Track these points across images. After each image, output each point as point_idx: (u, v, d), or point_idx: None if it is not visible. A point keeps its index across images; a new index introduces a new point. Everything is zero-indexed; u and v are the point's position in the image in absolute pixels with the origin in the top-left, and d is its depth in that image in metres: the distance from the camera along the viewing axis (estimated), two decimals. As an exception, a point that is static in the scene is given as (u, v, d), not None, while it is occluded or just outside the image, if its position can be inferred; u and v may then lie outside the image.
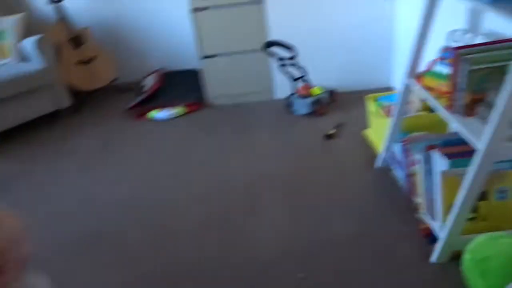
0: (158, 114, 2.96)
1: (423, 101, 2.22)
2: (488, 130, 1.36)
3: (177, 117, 2.97)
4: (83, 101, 3.28)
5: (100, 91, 3.34)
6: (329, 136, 2.53)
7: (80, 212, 2.14)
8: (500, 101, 1.31)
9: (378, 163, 2.22)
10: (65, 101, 3.04)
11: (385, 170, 2.18)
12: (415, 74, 1.87)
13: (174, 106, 3.01)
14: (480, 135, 1.40)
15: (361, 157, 2.33)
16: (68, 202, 2.22)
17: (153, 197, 2.20)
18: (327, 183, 2.15)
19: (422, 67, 1.87)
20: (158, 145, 2.66)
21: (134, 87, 3.38)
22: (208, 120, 2.91)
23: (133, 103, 3.09)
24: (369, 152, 2.35)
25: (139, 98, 3.12)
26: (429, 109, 2.23)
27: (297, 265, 1.70)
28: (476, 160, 1.41)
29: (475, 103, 1.54)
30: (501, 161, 1.53)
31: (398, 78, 2.87)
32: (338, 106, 2.89)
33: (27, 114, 2.87)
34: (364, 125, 2.60)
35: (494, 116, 1.34)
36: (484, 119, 1.45)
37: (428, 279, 1.59)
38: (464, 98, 1.55)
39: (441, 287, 1.56)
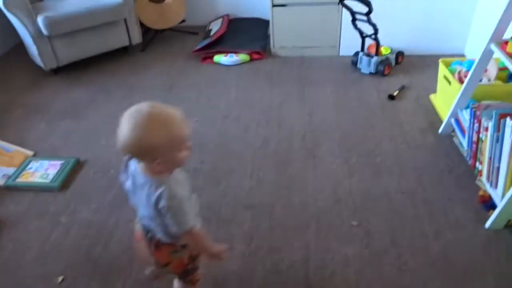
0: (224, 59, 3.03)
1: (500, 70, 2.15)
2: None
3: (241, 63, 3.03)
4: (152, 39, 3.40)
5: (168, 31, 3.46)
6: (392, 97, 2.51)
7: (148, 141, 2.30)
8: None
9: (442, 128, 2.20)
10: (137, 37, 3.17)
11: (448, 136, 2.17)
12: (499, 40, 1.80)
13: (238, 53, 3.06)
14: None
15: (424, 121, 2.32)
16: (138, 131, 2.38)
17: (215, 136, 2.31)
18: (386, 142, 2.17)
19: (508, 34, 1.80)
20: (222, 88, 2.75)
21: (200, 31, 3.46)
22: (272, 70, 2.95)
23: (199, 47, 3.17)
24: (433, 117, 2.34)
25: (205, 42, 3.19)
26: (504, 80, 2.17)
27: (349, 212, 1.78)
28: (553, 130, 1.39)
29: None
30: None
31: (473, 47, 2.77)
32: (404, 68, 2.83)
33: (101, 46, 3.03)
34: (429, 90, 2.57)
35: None
36: None
37: (479, 243, 1.62)
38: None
39: (491, 251, 1.59)
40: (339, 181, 1.95)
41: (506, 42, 1.75)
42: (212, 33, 3.32)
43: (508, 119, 1.61)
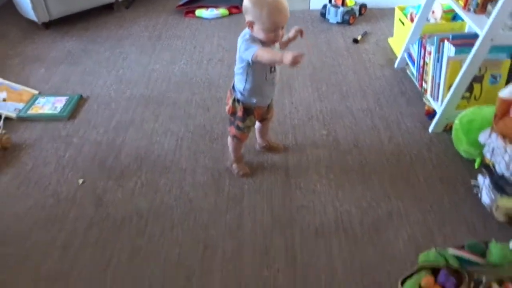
0: (205, 12, 3.31)
1: (444, 13, 2.53)
2: (489, 20, 1.71)
3: (221, 17, 3.32)
4: (136, -3, 3.63)
5: (150, -10, 3.69)
6: (356, 41, 2.88)
7: (142, 81, 2.58)
8: (502, -7, 1.65)
9: (397, 63, 2.59)
10: (122, -6, 3.40)
11: (402, 70, 2.56)
12: (439, -21, 2.17)
13: (218, 8, 3.34)
14: (484, 26, 1.75)
15: (383, 59, 2.70)
16: (132, 73, 2.66)
17: (202, 75, 2.62)
18: (350, 75, 2.54)
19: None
20: (205, 38, 3.04)
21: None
22: (248, 22, 3.25)
23: (181, 2, 3.43)
24: (390, 55, 2.72)
25: (187, -1, 3.45)
26: (449, 20, 2.55)
27: (320, 125, 2.15)
28: (476, 44, 1.78)
29: (487, 2, 1.87)
30: (498, 52, 1.90)
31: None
32: (367, 18, 3.20)
33: (89, 1, 3.25)
34: (387, 35, 2.95)
35: (495, 8, 1.68)
36: (490, 15, 1.79)
37: (424, 142, 2.03)
38: (477, -2, 1.88)
39: (433, 147, 1.99)
40: (311, 104, 2.31)
41: (446, -18, 2.12)
42: (192, -9, 3.57)
43: (446, 41, 2.00)
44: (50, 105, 2.34)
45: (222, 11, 3.33)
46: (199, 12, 3.33)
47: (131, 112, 2.30)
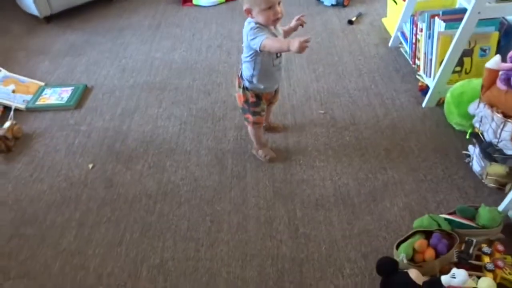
0: (202, 0, 3.36)
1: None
2: (476, -6, 1.78)
3: (219, 4, 3.37)
4: (133, -12, 3.68)
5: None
6: (351, 22, 2.93)
7: (145, 69, 2.65)
8: (488, -32, 1.71)
9: (391, 42, 2.65)
10: (120, -14, 3.45)
11: (396, 48, 2.63)
12: (429, -43, 2.23)
13: (215, -5, 3.40)
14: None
15: (377, 38, 2.76)
16: (134, 62, 2.73)
17: (202, 61, 2.69)
18: (346, 55, 2.61)
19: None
20: (203, 25, 3.10)
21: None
22: (245, 8, 3.31)
23: (178, -8, 3.49)
24: (385, 35, 2.78)
25: (184, -13, 3.51)
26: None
27: (317, 105, 2.22)
28: (464, 18, 1.84)
29: (473, -23, 1.93)
30: (486, 25, 1.96)
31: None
32: (361, 0, 3.25)
33: (88, -6, 3.31)
34: (381, 15, 3.00)
35: (482, -19, 1.75)
36: (477, -11, 1.85)
37: (418, 116, 2.11)
38: (464, -27, 1.94)
39: (427, 121, 2.07)
40: (308, 85, 2.38)
41: (435, -41, 2.18)
42: (189, -21, 3.63)
43: (436, 18, 2.06)
44: (57, 95, 2.42)
45: (219, -2, 3.39)
46: (197, 0, 3.39)
47: (135, 99, 2.39)
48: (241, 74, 1.75)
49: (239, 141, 2.04)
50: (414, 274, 1.34)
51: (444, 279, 1.29)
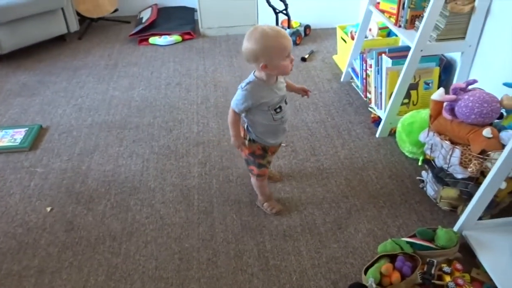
0: (158, 40, 3.42)
1: (380, 30, 2.81)
2: (417, 33, 1.96)
3: (175, 43, 3.44)
4: (88, 28, 3.67)
5: (102, 20, 3.75)
6: (304, 59, 3.09)
7: (103, 108, 2.62)
8: (426, 13, 1.90)
9: (343, 77, 2.82)
10: (74, 25, 3.43)
11: (348, 83, 2.79)
12: (374, 2, 2.43)
13: (171, 34, 3.47)
14: (414, 39, 2.00)
15: (329, 74, 2.92)
16: (92, 101, 2.70)
17: (162, 99, 2.70)
18: (302, 91, 2.73)
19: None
20: (161, 64, 3.14)
21: (132, 20, 3.81)
22: (202, 47, 3.40)
23: (133, 32, 3.52)
24: (336, 71, 2.95)
25: (139, 27, 3.55)
26: (385, 36, 2.82)
27: (279, 138, 2.30)
28: (409, 55, 2.01)
29: (414, 18, 2.13)
30: (428, 61, 2.15)
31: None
32: (312, 38, 3.44)
33: (41, 34, 3.25)
34: (332, 52, 3.20)
35: (421, 23, 1.93)
36: (418, 29, 2.04)
37: (373, 146, 2.23)
38: (406, 15, 2.14)
39: (382, 150, 2.19)
40: (268, 119, 2.46)
41: (378, 3, 2.38)
42: (144, 20, 3.68)
43: (383, 55, 2.23)
44: (9, 137, 2.33)
45: (175, 37, 3.46)
46: (153, 39, 3.44)
47: (94, 138, 2.34)
48: (247, 126, 1.65)
49: (204, 177, 2.05)
50: (383, 297, 1.39)
51: (412, 300, 1.35)
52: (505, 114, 1.72)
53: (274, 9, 3.25)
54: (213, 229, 1.78)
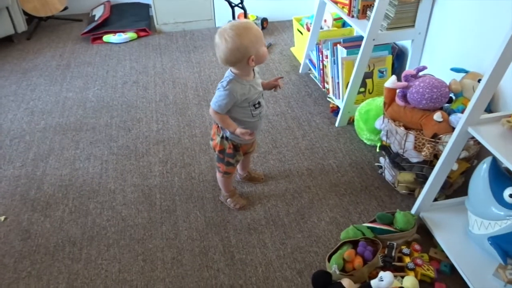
0: (113, 37, 3.32)
1: (335, 20, 2.85)
2: (369, 23, 2.00)
3: (130, 41, 3.35)
4: (36, 27, 3.51)
5: (52, 19, 3.60)
6: (262, 52, 3.09)
7: (57, 110, 2.52)
8: (376, 2, 1.94)
9: (301, 68, 2.84)
10: (22, 25, 3.27)
11: (306, 74, 2.82)
12: (325, -8, 2.46)
13: (126, 32, 3.38)
14: (366, 29, 2.04)
15: (288, 66, 2.94)
16: (44, 104, 2.59)
17: (119, 98, 2.64)
18: (262, 84, 2.73)
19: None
20: (116, 62, 3.05)
21: (84, 18, 3.68)
22: (159, 43, 3.33)
23: (86, 30, 3.40)
24: (294, 63, 2.97)
25: (92, 25, 3.43)
26: (340, 27, 2.87)
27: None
28: (362, 45, 2.05)
29: (366, 8, 2.17)
30: (381, 50, 2.20)
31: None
32: (269, 31, 3.45)
33: (-14, 36, 3.09)
34: (289, 45, 3.22)
35: (372, 12, 1.97)
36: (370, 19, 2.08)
37: (332, 135, 2.27)
38: (358, 5, 2.18)
39: (341, 139, 2.24)
40: (229, 114, 2.45)
41: (331, -6, 2.41)
42: (96, 18, 3.56)
43: (338, 45, 2.27)
44: (-44, 145, 2.20)
45: (130, 34, 3.37)
46: (107, 37, 3.34)
47: (48, 142, 2.25)
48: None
49: (165, 175, 2.02)
50: (346, 283, 1.42)
51: (374, 283, 1.39)
52: (454, 98, 1.80)
53: (230, 3, 3.23)
54: (176, 228, 1.76)
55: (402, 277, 1.48)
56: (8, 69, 2.98)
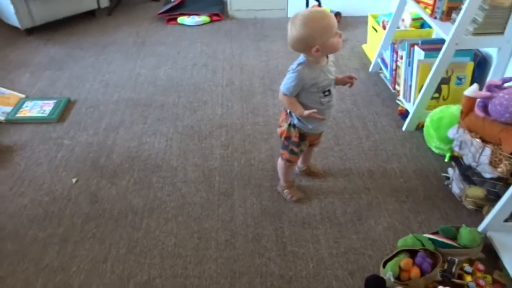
0: (187, 20, 3.41)
1: (413, 20, 2.73)
2: (453, 26, 1.90)
3: (203, 24, 3.43)
4: (117, 5, 3.69)
5: (132, -2, 3.77)
6: (333, 47, 3.04)
7: (129, 85, 2.65)
8: (464, 5, 1.83)
9: (371, 67, 2.76)
10: (104, 1, 3.45)
11: (376, 74, 2.74)
12: (409, -10, 2.36)
13: (199, 15, 3.45)
14: (449, 32, 1.94)
15: (358, 63, 2.87)
16: (119, 78, 2.72)
17: (187, 79, 2.71)
18: (329, 79, 2.70)
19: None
20: (188, 44, 3.14)
21: (162, -3, 3.82)
22: (230, 29, 3.38)
23: (163, 10, 3.52)
24: (365, 61, 2.90)
25: (168, 6, 3.54)
26: (418, 28, 2.75)
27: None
28: (443, 48, 1.95)
29: (451, 10, 2.06)
30: (462, 55, 2.09)
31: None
32: (341, 26, 3.36)
33: (72, 8, 3.29)
34: (362, 41, 3.13)
35: (459, 15, 1.87)
36: (454, 21, 1.98)
37: (398, 139, 2.19)
38: (443, 6, 2.07)
39: (407, 144, 2.15)
40: (293, 106, 2.44)
41: (414, -8, 2.31)
42: (173, -1, 3.68)
43: (416, 47, 2.17)
44: (38, 108, 2.37)
45: (203, 18, 3.44)
46: (181, 19, 3.43)
47: (120, 114, 2.37)
48: (289, 110, 1.63)
49: (226, 159, 2.06)
50: (401, 291, 1.38)
51: (430, 296, 1.34)
52: (541, 114, 1.66)
53: (305, -6, 3.20)
54: (232, 211, 1.79)
55: (461, 295, 1.41)
56: (89, 41, 3.16)
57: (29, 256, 1.60)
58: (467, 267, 1.48)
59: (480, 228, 1.60)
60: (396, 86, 2.43)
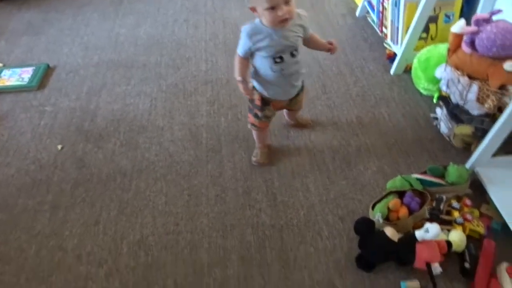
0: (164, -26, 3.26)
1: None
2: (440, -41, 1.81)
3: (182, -22, 3.28)
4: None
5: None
6: (317, -7, 2.93)
7: (109, 46, 2.56)
8: None
9: (358, 12, 2.67)
10: (77, -40, 3.27)
11: (363, 18, 2.65)
12: None
13: (178, -32, 3.30)
14: (434, -34, 1.85)
15: (345, 9, 2.78)
16: (98, 39, 2.63)
17: (169, 36, 2.62)
18: (314, 27, 2.60)
19: None
20: (168, 0, 3.01)
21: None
22: (210, -19, 3.23)
23: (139, -35, 3.35)
24: (352, 5, 2.80)
25: (144, -39, 3.37)
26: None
27: (289, 76, 2.23)
28: (429, -16, 1.88)
29: None
30: (449, -9, 2.01)
31: None
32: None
33: (43, -30, 3.13)
34: (348, -15, 3.01)
35: None
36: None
37: (386, 83, 2.15)
38: None
39: (395, 88, 2.12)
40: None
41: None
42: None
43: (401, -15, 2.09)
44: (17, 76, 2.31)
45: (182, -29, 3.29)
46: (159, -26, 3.28)
47: (101, 77, 2.31)
48: (252, 72, 1.57)
49: (212, 115, 2.03)
50: (389, 231, 1.39)
51: (418, 233, 1.35)
52: (529, 46, 1.62)
53: None
54: (221, 167, 1.78)
55: (449, 230, 1.43)
56: (64, 3, 3.04)
57: (21, 224, 1.60)
58: (455, 203, 1.49)
59: (468, 164, 1.60)
60: (384, 29, 2.36)
